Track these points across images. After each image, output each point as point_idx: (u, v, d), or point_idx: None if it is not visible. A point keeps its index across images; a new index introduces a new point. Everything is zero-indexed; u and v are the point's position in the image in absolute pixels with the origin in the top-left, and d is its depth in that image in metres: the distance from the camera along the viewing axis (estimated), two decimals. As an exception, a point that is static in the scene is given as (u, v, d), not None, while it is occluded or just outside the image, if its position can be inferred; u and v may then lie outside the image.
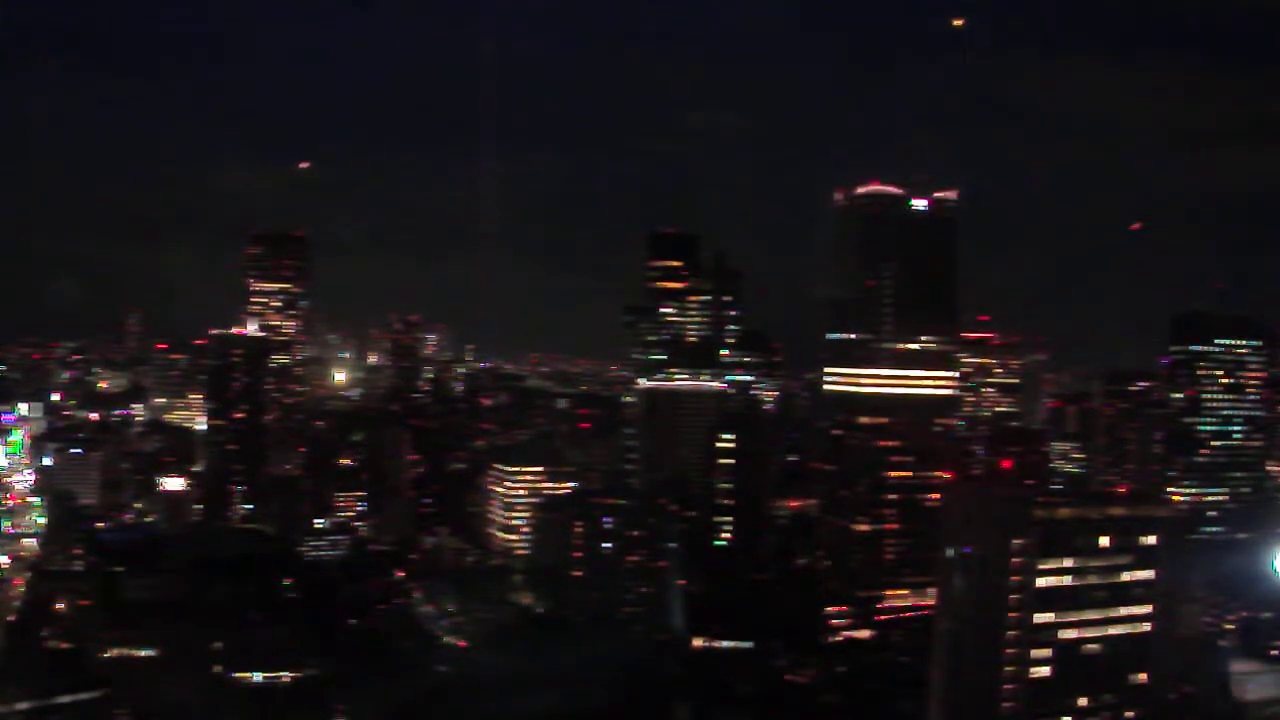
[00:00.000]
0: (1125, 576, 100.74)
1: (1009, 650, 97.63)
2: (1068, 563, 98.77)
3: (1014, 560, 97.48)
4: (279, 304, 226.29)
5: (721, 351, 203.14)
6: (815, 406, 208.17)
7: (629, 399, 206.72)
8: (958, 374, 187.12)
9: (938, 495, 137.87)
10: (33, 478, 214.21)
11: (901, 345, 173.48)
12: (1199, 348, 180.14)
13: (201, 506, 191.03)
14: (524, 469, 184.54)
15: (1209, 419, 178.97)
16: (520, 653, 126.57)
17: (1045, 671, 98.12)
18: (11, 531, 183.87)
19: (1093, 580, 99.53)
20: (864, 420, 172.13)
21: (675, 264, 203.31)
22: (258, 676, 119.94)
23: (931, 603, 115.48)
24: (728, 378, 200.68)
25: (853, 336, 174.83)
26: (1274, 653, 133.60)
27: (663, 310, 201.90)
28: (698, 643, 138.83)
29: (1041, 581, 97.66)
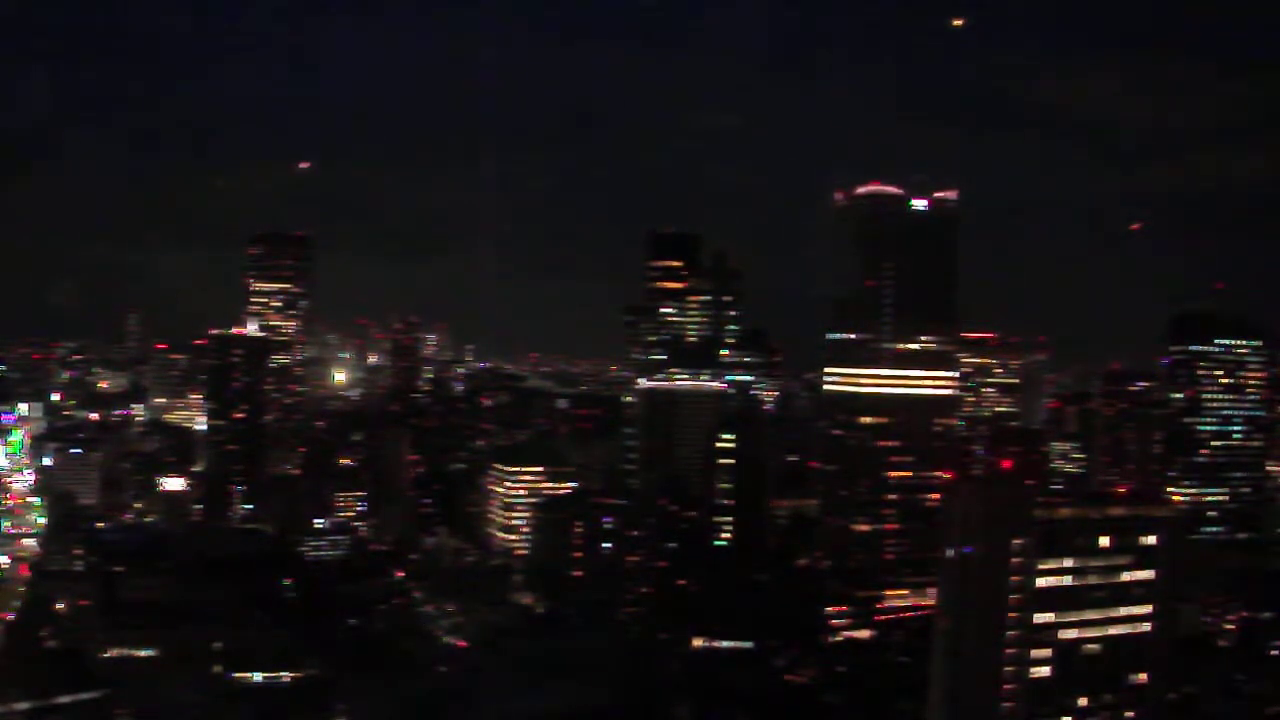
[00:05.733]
0: (1125, 576, 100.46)
1: (1009, 650, 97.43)
2: (1068, 563, 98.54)
3: (1014, 560, 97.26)
4: (279, 304, 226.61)
5: (721, 351, 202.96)
6: (815, 406, 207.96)
7: (629, 399, 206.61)
8: (958, 374, 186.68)
9: (938, 495, 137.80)
10: (33, 478, 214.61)
11: (901, 345, 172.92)
12: (1199, 348, 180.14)
13: (201, 506, 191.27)
14: (524, 469, 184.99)
15: (1209, 419, 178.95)
16: (520, 653, 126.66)
17: (1045, 671, 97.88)
18: (11, 531, 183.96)
19: (1093, 580, 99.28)
20: (864, 420, 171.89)
21: (675, 264, 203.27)
22: (258, 676, 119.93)
23: (931, 603, 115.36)
24: (728, 378, 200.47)
25: (853, 336, 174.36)
26: (1274, 653, 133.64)
27: (663, 310, 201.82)
28: (698, 643, 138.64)
29: (1041, 581, 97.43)
